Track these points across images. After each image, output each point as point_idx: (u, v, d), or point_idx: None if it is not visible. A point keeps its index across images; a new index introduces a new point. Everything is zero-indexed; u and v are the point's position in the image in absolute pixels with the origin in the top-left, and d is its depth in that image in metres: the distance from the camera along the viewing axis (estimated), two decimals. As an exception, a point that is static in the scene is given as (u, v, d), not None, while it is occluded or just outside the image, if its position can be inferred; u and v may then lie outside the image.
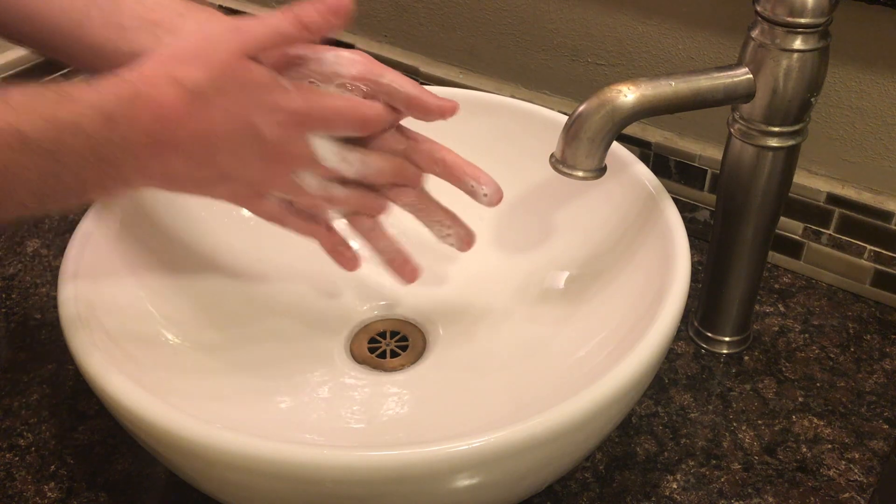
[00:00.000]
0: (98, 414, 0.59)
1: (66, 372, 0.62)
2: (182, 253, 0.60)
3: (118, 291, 0.54)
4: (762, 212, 0.58)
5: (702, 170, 0.72)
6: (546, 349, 0.58)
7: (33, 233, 0.74)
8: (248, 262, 0.63)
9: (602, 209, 0.61)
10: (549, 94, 0.78)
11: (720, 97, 0.53)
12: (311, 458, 0.41)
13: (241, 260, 0.63)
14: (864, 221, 0.66)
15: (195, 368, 0.55)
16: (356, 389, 0.58)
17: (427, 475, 0.42)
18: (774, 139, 0.54)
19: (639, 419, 0.59)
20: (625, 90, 0.50)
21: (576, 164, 0.51)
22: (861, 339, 0.65)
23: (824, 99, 0.65)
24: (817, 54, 0.52)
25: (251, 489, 0.45)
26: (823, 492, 0.54)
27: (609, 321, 0.55)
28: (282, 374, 0.58)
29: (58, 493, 0.54)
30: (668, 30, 0.70)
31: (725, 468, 0.56)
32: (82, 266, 0.52)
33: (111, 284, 0.54)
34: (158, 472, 0.56)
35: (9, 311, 0.67)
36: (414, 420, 0.56)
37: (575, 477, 0.55)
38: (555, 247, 0.63)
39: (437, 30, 0.81)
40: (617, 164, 0.59)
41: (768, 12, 0.51)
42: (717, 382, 0.62)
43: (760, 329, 0.66)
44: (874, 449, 0.57)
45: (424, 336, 0.62)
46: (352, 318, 0.63)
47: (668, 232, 0.54)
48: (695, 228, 0.73)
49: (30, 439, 0.58)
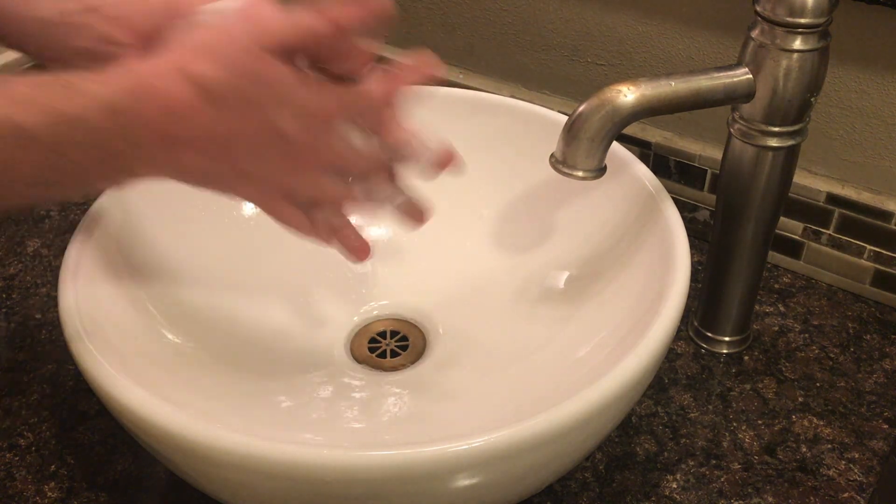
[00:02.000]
0: (98, 414, 0.59)
1: (66, 372, 0.62)
2: (182, 253, 0.60)
3: (118, 292, 0.54)
4: (762, 212, 0.58)
5: (702, 170, 0.72)
6: (546, 349, 0.58)
7: (33, 233, 0.74)
8: (248, 262, 0.63)
9: (602, 209, 0.61)
10: (549, 94, 0.78)
11: (720, 97, 0.53)
12: (311, 458, 0.41)
13: (242, 259, 0.63)
14: (864, 221, 0.66)
15: (195, 368, 0.55)
16: (356, 389, 0.58)
17: (427, 475, 0.42)
18: (774, 139, 0.54)
19: (639, 419, 0.59)
20: (625, 90, 0.50)
21: (576, 164, 0.51)
22: (861, 339, 0.65)
23: (824, 99, 0.65)
24: (817, 54, 0.52)
25: (251, 489, 0.45)
26: (823, 492, 0.54)
27: (609, 321, 0.55)
28: (282, 374, 0.58)
29: (58, 493, 0.54)
30: (668, 30, 0.70)
31: (725, 468, 0.56)
32: (82, 266, 0.52)
33: (111, 285, 0.54)
34: (158, 472, 0.56)
35: (9, 311, 0.67)
36: (414, 420, 0.56)
37: (575, 477, 0.55)
38: (555, 247, 0.63)
39: (437, 30, 0.81)
40: (617, 164, 0.59)
41: (768, 12, 0.51)
42: (716, 382, 0.62)
43: (760, 329, 0.66)
44: (874, 449, 0.57)
45: (424, 336, 0.62)
46: (352, 318, 0.63)
47: (668, 232, 0.54)
48: (695, 228, 0.73)
49: (30, 439, 0.58)
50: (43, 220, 0.75)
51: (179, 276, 0.59)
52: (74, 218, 0.74)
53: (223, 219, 0.62)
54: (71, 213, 0.76)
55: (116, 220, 0.57)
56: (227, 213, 0.63)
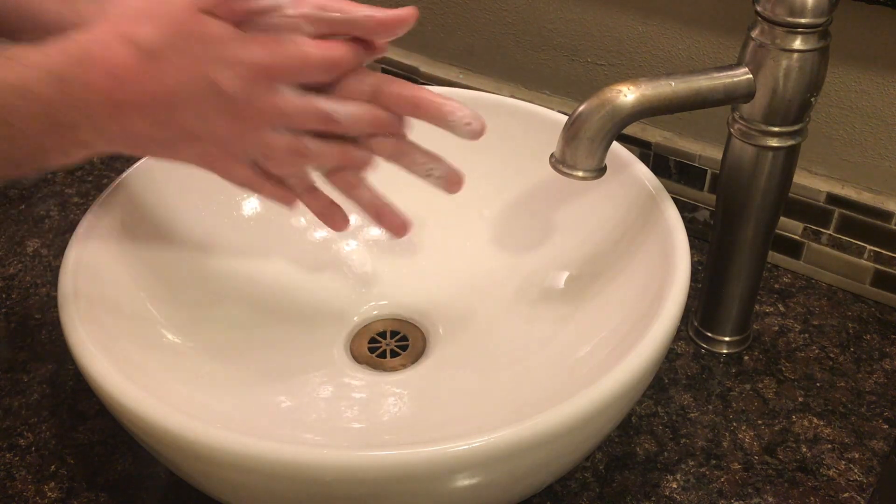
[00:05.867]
0: (98, 414, 0.59)
1: (66, 372, 0.62)
2: (182, 253, 0.60)
3: (118, 292, 0.54)
4: (762, 212, 0.58)
5: (702, 170, 0.72)
6: (546, 349, 0.58)
7: (33, 233, 0.74)
8: (248, 263, 0.63)
9: (602, 209, 0.61)
10: (549, 94, 0.78)
11: (720, 97, 0.53)
12: (311, 458, 0.41)
13: (242, 260, 0.62)
14: (864, 221, 0.66)
15: (195, 368, 0.55)
16: (356, 389, 0.58)
17: (427, 475, 0.42)
18: (774, 139, 0.54)
19: (639, 419, 0.59)
20: (625, 90, 0.50)
21: (576, 164, 0.51)
22: (861, 339, 0.65)
23: (824, 99, 0.65)
24: (817, 54, 0.52)
25: (251, 489, 0.45)
26: (823, 492, 0.54)
27: (609, 321, 0.55)
28: (282, 374, 0.58)
29: (58, 493, 0.54)
30: (668, 30, 0.70)
31: (725, 468, 0.56)
32: (82, 266, 0.52)
33: (111, 284, 0.54)
34: (158, 472, 0.56)
35: (9, 311, 0.67)
36: (414, 420, 0.56)
37: (575, 477, 0.55)
38: (555, 247, 0.63)
39: (436, 30, 0.81)
40: (617, 164, 0.59)
41: (768, 12, 0.51)
42: (717, 382, 0.62)
43: (760, 329, 0.66)
44: (874, 449, 0.57)
45: (424, 336, 0.62)
46: (352, 318, 0.63)
47: (668, 232, 0.54)
48: (695, 228, 0.73)
49: (30, 439, 0.58)
50: (43, 220, 0.75)
51: (179, 277, 0.59)
52: (74, 218, 0.74)
53: (224, 219, 0.62)
54: (70, 213, 0.76)
55: (116, 220, 0.57)
56: (228, 214, 0.63)
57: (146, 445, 0.47)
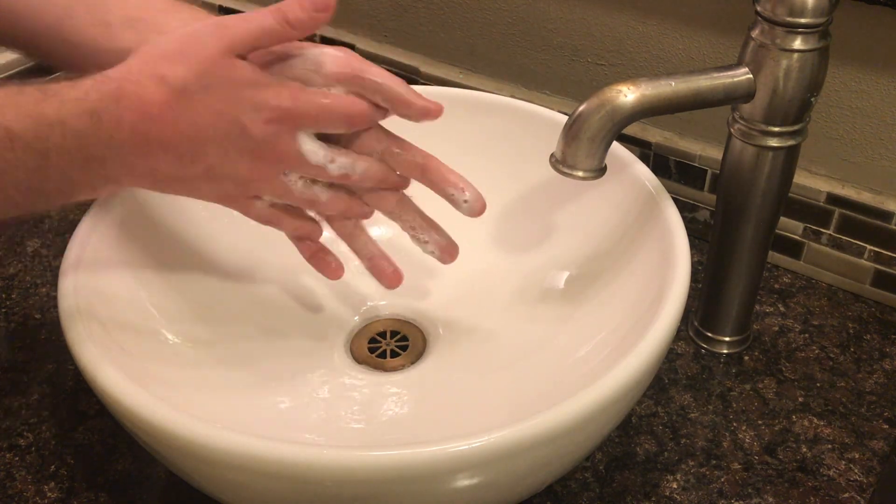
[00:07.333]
0: (98, 414, 0.59)
1: (66, 372, 0.62)
2: (182, 253, 0.60)
3: (118, 291, 0.54)
4: (762, 212, 0.58)
5: (702, 170, 0.72)
6: (546, 349, 0.58)
7: (33, 233, 0.74)
8: (248, 262, 0.63)
9: (602, 209, 0.61)
10: (549, 94, 0.78)
11: (720, 97, 0.53)
12: (311, 458, 0.41)
13: (242, 260, 0.63)
14: (864, 221, 0.66)
15: (195, 368, 0.55)
16: (356, 389, 0.58)
17: (427, 475, 0.42)
18: (774, 139, 0.54)
19: (639, 419, 0.59)
20: (625, 90, 0.50)
21: (576, 164, 0.51)
22: (861, 339, 0.65)
23: (824, 99, 0.65)
24: (817, 54, 0.52)
25: (251, 489, 0.45)
26: (823, 492, 0.54)
27: (609, 321, 0.55)
28: (282, 375, 0.58)
29: (58, 493, 0.54)
30: (668, 30, 0.70)
31: (725, 468, 0.56)
32: (82, 265, 0.52)
33: (111, 284, 0.54)
34: (158, 472, 0.56)
35: (9, 311, 0.67)
36: (414, 420, 0.56)
37: (575, 477, 0.55)
38: (555, 247, 0.63)
39: (437, 30, 0.81)
40: (617, 164, 0.59)
41: (768, 12, 0.51)
42: (717, 382, 0.62)
43: (760, 329, 0.66)
44: (874, 449, 0.57)
45: (424, 336, 0.62)
46: (352, 317, 0.63)
47: (668, 232, 0.54)
48: (695, 228, 0.73)
49: (30, 439, 0.58)
50: (43, 221, 0.75)
51: (180, 277, 0.59)
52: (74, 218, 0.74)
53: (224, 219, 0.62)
54: (70, 213, 0.76)
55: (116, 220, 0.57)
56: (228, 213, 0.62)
57: (146, 445, 0.47)
